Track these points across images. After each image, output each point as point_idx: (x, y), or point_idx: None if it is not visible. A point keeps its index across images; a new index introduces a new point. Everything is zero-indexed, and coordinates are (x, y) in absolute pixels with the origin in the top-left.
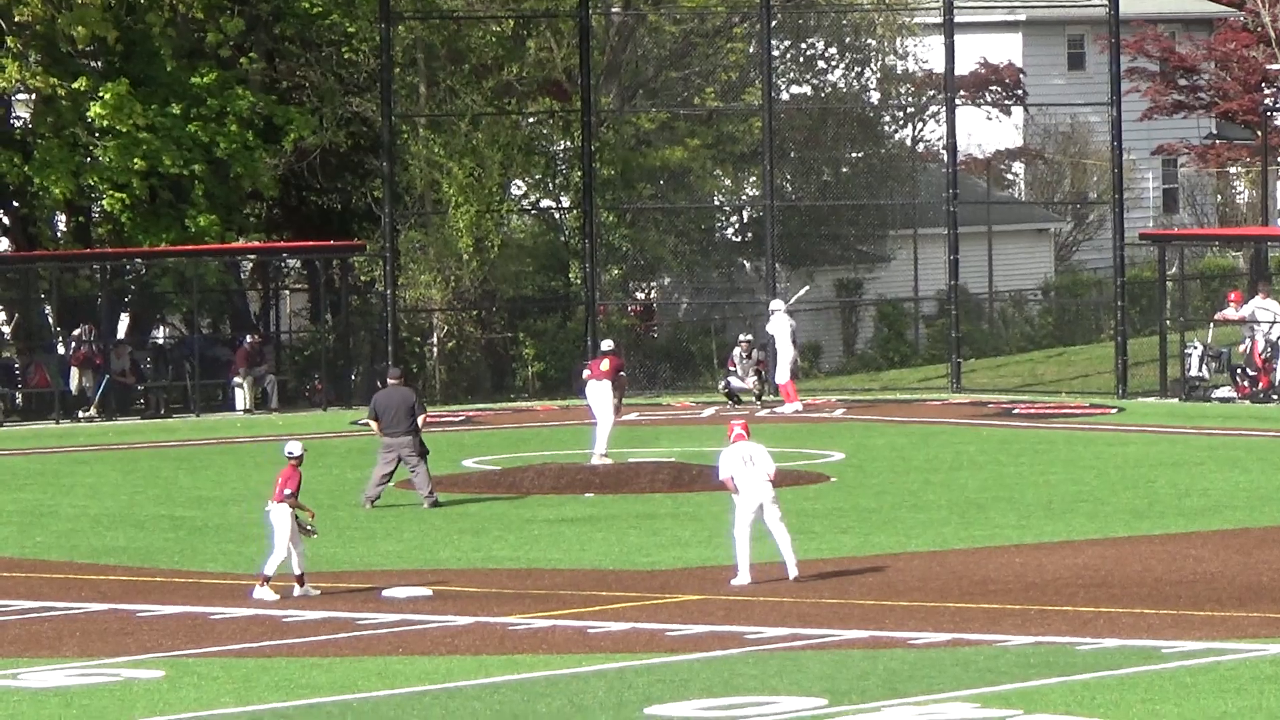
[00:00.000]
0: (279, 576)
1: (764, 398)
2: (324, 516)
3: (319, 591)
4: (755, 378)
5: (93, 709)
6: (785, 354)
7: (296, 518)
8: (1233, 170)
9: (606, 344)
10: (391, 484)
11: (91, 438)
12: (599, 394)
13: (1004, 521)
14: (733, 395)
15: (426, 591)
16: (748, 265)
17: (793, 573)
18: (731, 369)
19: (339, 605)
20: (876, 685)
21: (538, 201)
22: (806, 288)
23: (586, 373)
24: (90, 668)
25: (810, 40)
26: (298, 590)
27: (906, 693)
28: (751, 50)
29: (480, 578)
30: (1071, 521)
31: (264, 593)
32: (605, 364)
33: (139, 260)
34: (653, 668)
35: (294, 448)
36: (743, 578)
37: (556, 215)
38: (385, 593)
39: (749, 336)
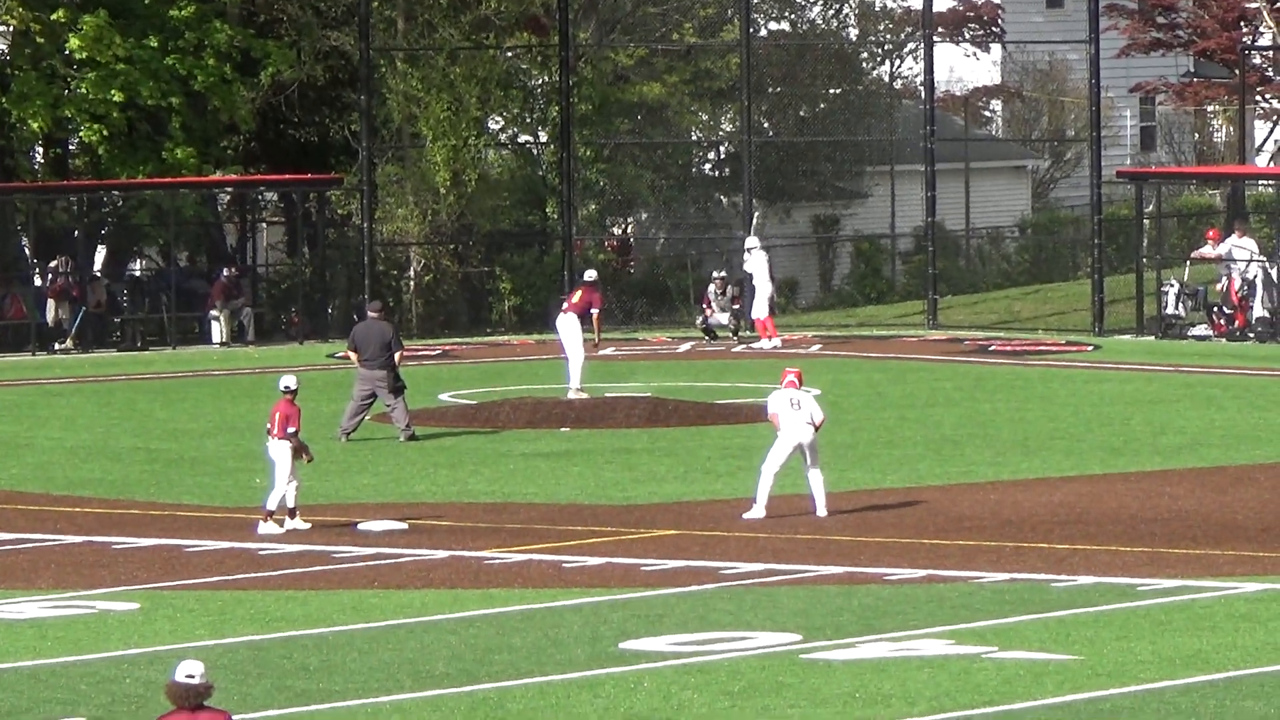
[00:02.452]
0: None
1: (740, 333)
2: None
3: (309, 525)
4: (730, 314)
5: (68, 641)
6: (762, 290)
7: (301, 451)
8: (1210, 108)
9: (589, 274)
10: (368, 417)
11: (67, 370)
12: (568, 328)
13: (980, 458)
14: (709, 331)
15: (402, 525)
16: (725, 201)
17: (822, 511)
18: (706, 305)
19: (314, 538)
20: (851, 621)
21: (515, 136)
22: (756, 213)
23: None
24: (65, 600)
25: None
26: (288, 523)
27: (881, 629)
28: None
29: (456, 511)
30: (1047, 459)
31: (268, 528)
32: (577, 295)
33: (116, 193)
34: (628, 602)
35: (288, 381)
36: (758, 511)
37: (534, 150)
38: (361, 526)
39: (723, 273)
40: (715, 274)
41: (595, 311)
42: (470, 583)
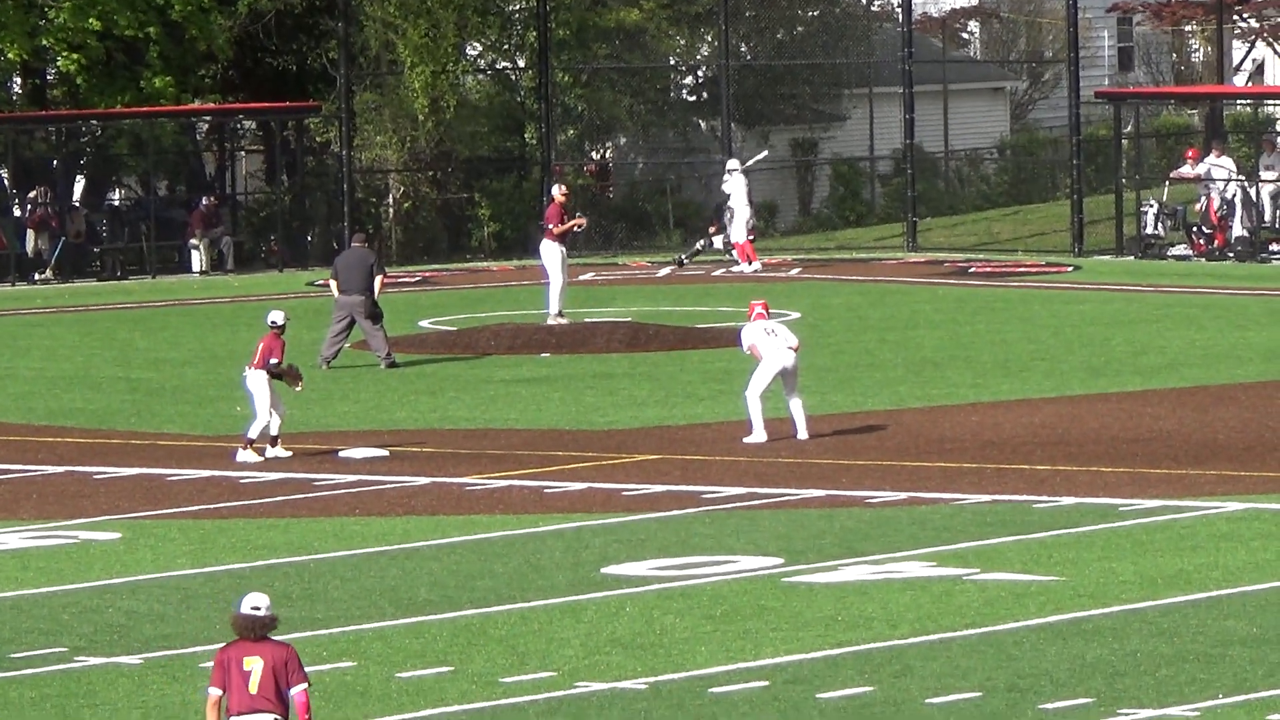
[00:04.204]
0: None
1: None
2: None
3: (290, 453)
4: (705, 238)
5: (50, 571)
6: (742, 214)
7: (286, 377)
8: (1188, 28)
9: (556, 189)
10: (348, 345)
11: (47, 300)
12: (550, 253)
13: (960, 380)
14: (689, 257)
15: (383, 452)
16: (703, 125)
17: (803, 434)
18: (713, 228)
19: (296, 466)
20: (833, 544)
21: (493, 62)
22: (765, 153)
23: (552, 227)
24: (47, 529)
25: None
26: (270, 451)
27: (863, 551)
28: None
29: (437, 438)
30: (1028, 380)
31: (246, 456)
32: (549, 210)
33: (94, 122)
34: (609, 527)
35: (276, 316)
36: (759, 435)
37: (512, 76)
38: (342, 453)
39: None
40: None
41: (549, 227)
42: (452, 509)
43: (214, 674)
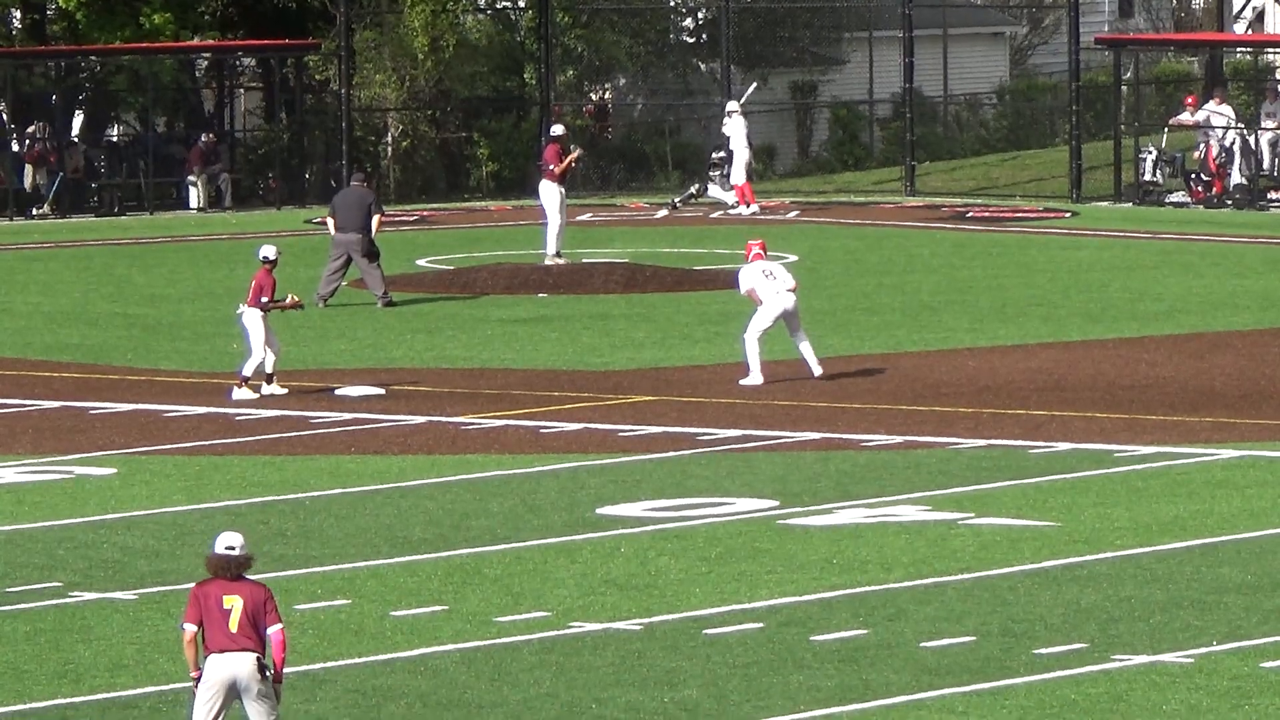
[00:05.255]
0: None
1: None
2: (277, 315)
3: (286, 390)
4: (701, 183)
5: (45, 505)
6: (740, 156)
7: (285, 307)
8: None
9: (556, 128)
10: (345, 283)
11: (45, 235)
12: (549, 193)
13: (957, 325)
14: (684, 201)
15: (379, 391)
16: (703, 67)
17: (817, 370)
18: (712, 171)
19: (292, 404)
20: (828, 487)
21: (493, 2)
22: (754, 85)
23: (553, 167)
24: (43, 464)
25: None
26: (265, 388)
27: (858, 495)
28: None
29: (433, 377)
30: (1025, 325)
31: (242, 393)
32: (548, 150)
33: (94, 58)
34: (605, 468)
35: (268, 251)
36: (755, 377)
37: (512, 15)
38: (338, 391)
39: (721, 154)
40: (714, 155)
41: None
42: (447, 448)
43: (189, 609)
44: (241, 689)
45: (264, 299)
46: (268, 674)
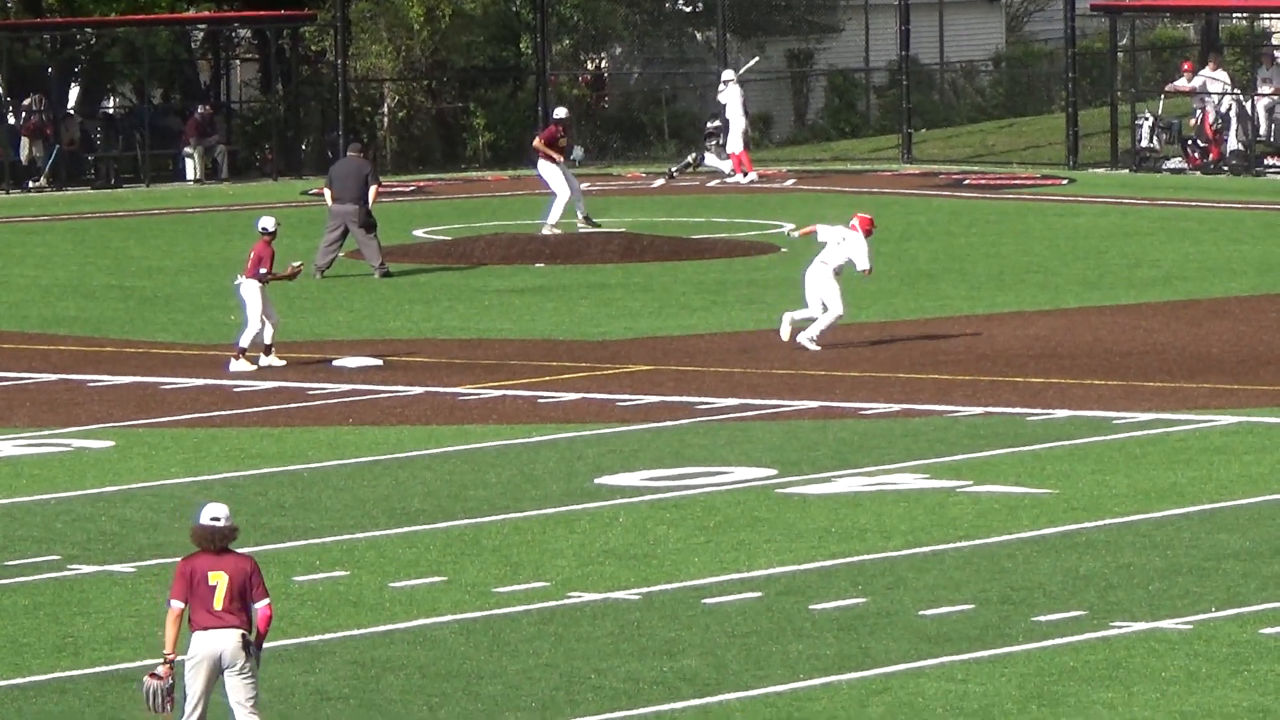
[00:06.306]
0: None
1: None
2: (275, 286)
3: (284, 362)
4: (698, 152)
5: (43, 478)
6: (737, 124)
7: (285, 276)
8: None
9: (559, 111)
10: (342, 254)
11: (42, 208)
12: (547, 170)
13: (954, 292)
14: (681, 170)
15: (377, 361)
16: (699, 36)
17: (813, 347)
18: (708, 147)
19: (289, 375)
20: (826, 455)
21: None
22: (755, 59)
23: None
24: (40, 437)
25: None
26: (263, 360)
27: (856, 463)
28: None
29: (431, 348)
30: (1022, 292)
31: (240, 365)
32: (546, 130)
33: (89, 30)
34: (603, 438)
35: (266, 223)
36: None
37: None
38: (336, 362)
39: (715, 123)
40: (710, 124)
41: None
42: (445, 419)
43: (175, 585)
44: (225, 665)
45: (263, 270)
46: (252, 650)
